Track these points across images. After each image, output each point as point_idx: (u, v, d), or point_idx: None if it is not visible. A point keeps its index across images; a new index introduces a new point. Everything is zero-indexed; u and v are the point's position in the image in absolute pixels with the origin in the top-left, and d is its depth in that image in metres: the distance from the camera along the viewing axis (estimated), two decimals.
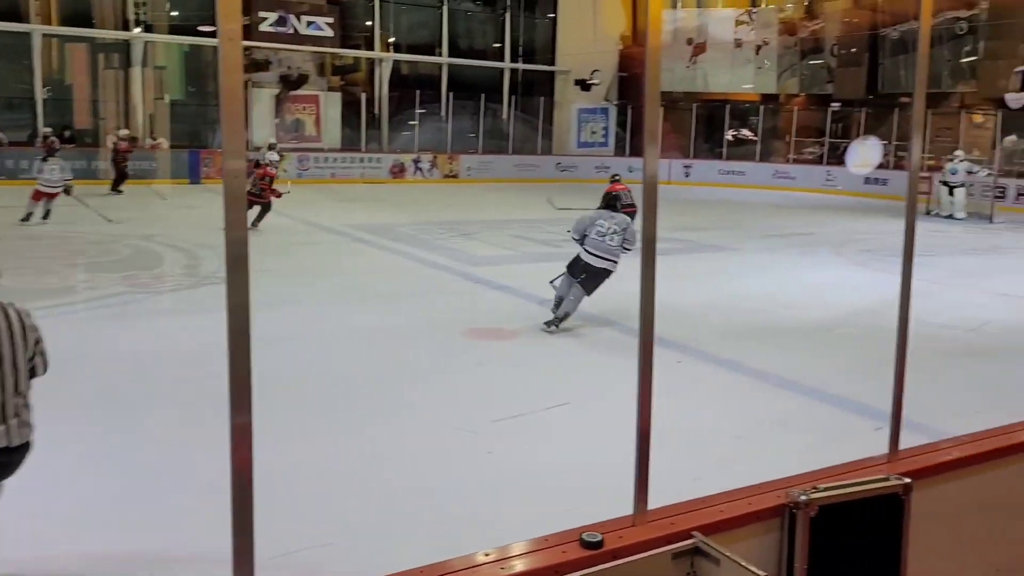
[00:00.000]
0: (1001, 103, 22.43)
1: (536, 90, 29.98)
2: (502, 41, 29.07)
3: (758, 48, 28.54)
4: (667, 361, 6.76)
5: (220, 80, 2.02)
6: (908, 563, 3.11)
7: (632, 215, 12.40)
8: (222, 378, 1.97)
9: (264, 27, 24.49)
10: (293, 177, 23.70)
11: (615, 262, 8.10)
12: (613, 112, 29.93)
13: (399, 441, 5.28)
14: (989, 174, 20.73)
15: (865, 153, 23.11)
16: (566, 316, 8.12)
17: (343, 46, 26.54)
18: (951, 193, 19.98)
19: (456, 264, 11.92)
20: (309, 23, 25.20)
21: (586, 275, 8.08)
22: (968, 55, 24.22)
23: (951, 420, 4.88)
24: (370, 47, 26.99)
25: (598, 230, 8.10)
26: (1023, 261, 14.06)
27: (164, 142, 22.98)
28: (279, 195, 14.39)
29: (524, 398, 6.07)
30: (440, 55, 27.92)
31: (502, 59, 29.02)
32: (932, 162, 23.94)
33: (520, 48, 29.36)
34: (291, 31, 24.91)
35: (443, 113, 27.69)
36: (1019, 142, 23.13)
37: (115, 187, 19.13)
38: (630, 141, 29.27)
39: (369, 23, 26.95)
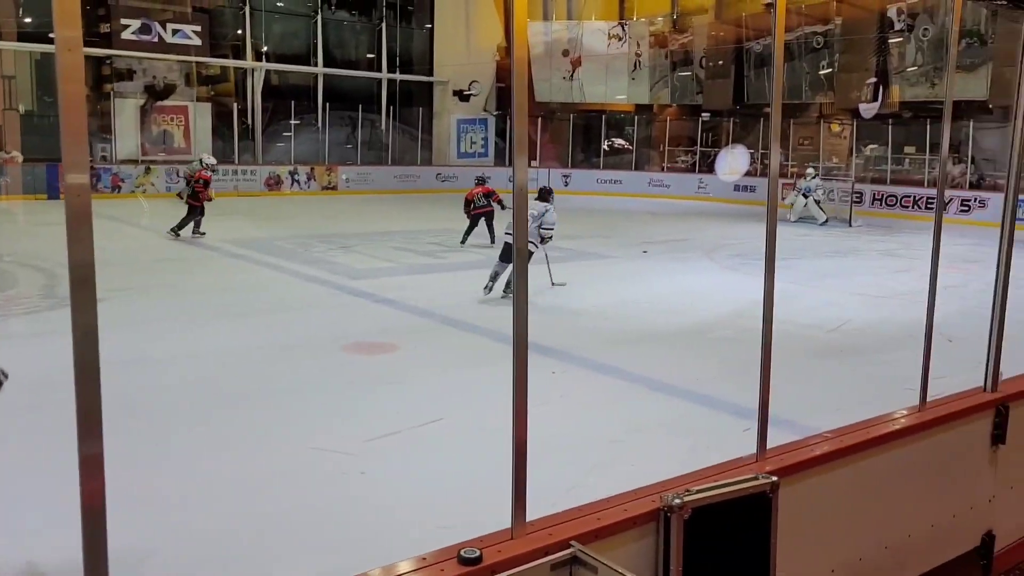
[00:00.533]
0: (856, 113, 23.79)
1: (414, 100, 29.88)
2: (379, 51, 28.82)
3: (636, 63, 29.34)
4: (544, 370, 6.85)
5: (59, 90, 1.91)
6: (777, 558, 3.21)
7: (488, 216, 15.07)
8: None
9: (127, 35, 23.46)
10: (162, 191, 22.86)
11: (531, 242, 9.83)
12: (492, 122, 30.14)
13: (268, 464, 5.09)
14: (847, 179, 21.97)
15: (733, 161, 24.12)
16: (495, 276, 10.14)
17: (212, 55, 25.72)
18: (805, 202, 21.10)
19: (336, 278, 11.70)
20: (175, 31, 24.30)
21: (506, 252, 10.04)
22: (825, 68, 25.60)
23: (816, 417, 5.08)
24: (240, 56, 26.26)
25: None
26: (879, 262, 14.89)
27: (18, 155, 21.64)
28: (211, 199, 14.82)
29: (399, 415, 5.94)
30: (315, 65, 27.43)
31: (379, 69, 28.77)
32: (795, 169, 25.20)
33: (397, 58, 29.18)
34: (156, 39, 23.96)
35: (319, 124, 27.22)
36: (875, 149, 24.62)
37: None
38: (509, 151, 29.50)
39: (239, 32, 26.24)
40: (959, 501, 4.52)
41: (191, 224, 14.77)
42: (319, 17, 27.40)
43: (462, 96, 29.06)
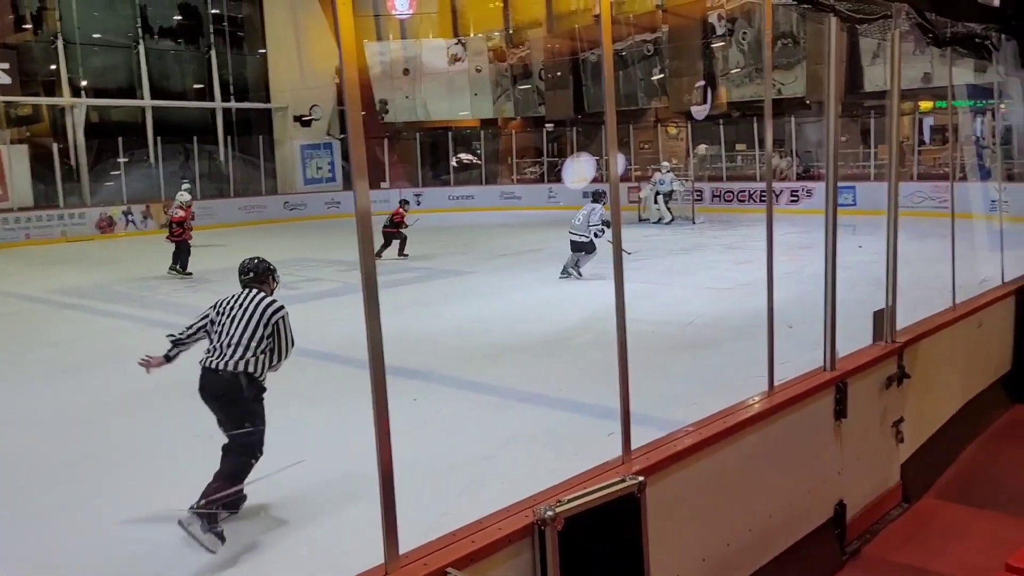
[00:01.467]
0: (689, 116, 24.89)
1: (254, 128, 28.99)
2: (210, 80, 27.80)
3: (477, 79, 29.65)
4: (406, 396, 6.73)
5: None
6: (650, 554, 3.28)
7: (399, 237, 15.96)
8: None
9: None
10: None
11: (583, 235, 12.48)
12: (337, 146, 29.68)
13: (119, 534, 4.74)
14: (687, 180, 22.96)
15: (579, 169, 24.70)
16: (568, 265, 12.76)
17: (24, 94, 24.06)
18: (656, 200, 21.89)
19: (184, 320, 11.03)
20: None
21: (571, 246, 12.78)
22: (657, 73, 26.69)
23: (676, 410, 5.25)
24: (55, 93, 24.64)
25: (573, 219, 12.78)
26: (722, 255, 15.61)
27: None
28: (190, 237, 15.36)
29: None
30: (141, 97, 26.10)
31: (212, 98, 27.74)
32: (639, 173, 26.12)
33: (231, 86, 28.24)
34: None
35: (151, 159, 25.91)
36: (708, 148, 25.83)
37: None
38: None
39: (53, 67, 24.64)
40: (811, 476, 4.77)
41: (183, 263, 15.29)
42: (141, 47, 26.12)
43: (303, 121, 28.48)
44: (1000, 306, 7.53)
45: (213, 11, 27.88)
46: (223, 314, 4.90)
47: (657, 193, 21.99)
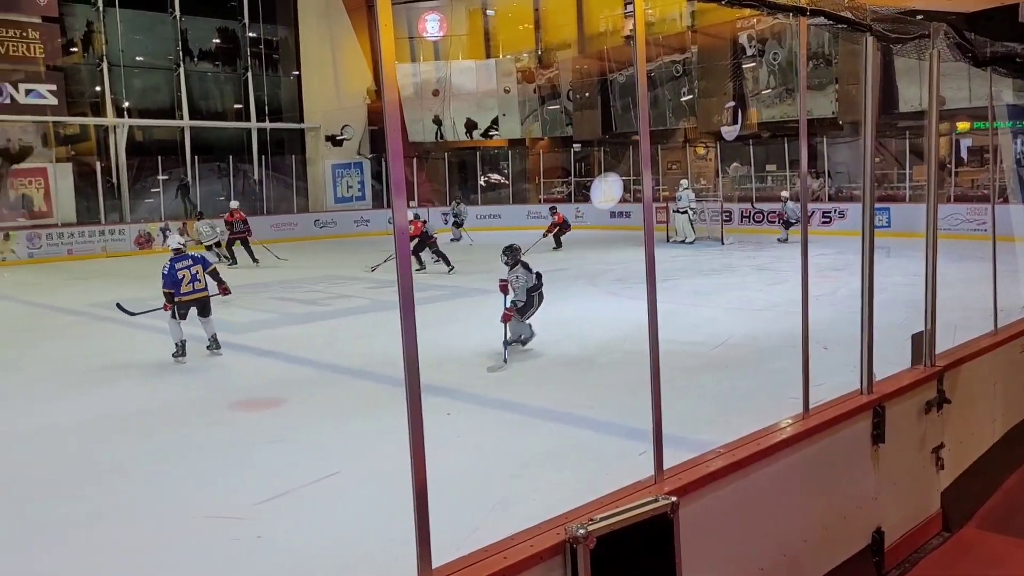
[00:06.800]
0: (718, 136, 24.85)
1: (287, 148, 29.41)
2: (246, 101, 28.27)
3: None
4: (438, 411, 6.76)
5: None
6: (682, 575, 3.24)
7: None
8: None
9: None
10: (23, 257, 21.68)
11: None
12: (367, 165, 29.99)
13: (154, 536, 4.82)
14: (715, 199, 22.88)
15: (607, 189, 24.70)
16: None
17: (70, 114, 24.64)
18: (678, 220, 21.89)
19: (217, 334, 11.26)
20: (28, 91, 23.20)
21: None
22: (686, 94, 26.70)
23: (708, 432, 5.20)
24: (100, 114, 25.25)
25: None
26: (752, 277, 15.50)
27: None
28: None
29: (291, 472, 5.72)
30: (180, 118, 26.65)
31: (247, 119, 28.21)
32: (666, 193, 26.08)
33: (266, 107, 28.69)
34: (7, 100, 22.82)
35: (189, 178, 26.40)
36: (740, 168, 25.75)
37: None
38: (386, 193, 29.43)
39: (98, 88, 25.25)
40: (847, 502, 4.69)
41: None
42: (181, 70, 26.70)
43: (335, 141, 28.83)
44: None
45: (250, 35, 28.40)
46: None
47: (676, 211, 22.00)
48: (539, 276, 9.55)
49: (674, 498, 3.23)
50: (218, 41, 28.24)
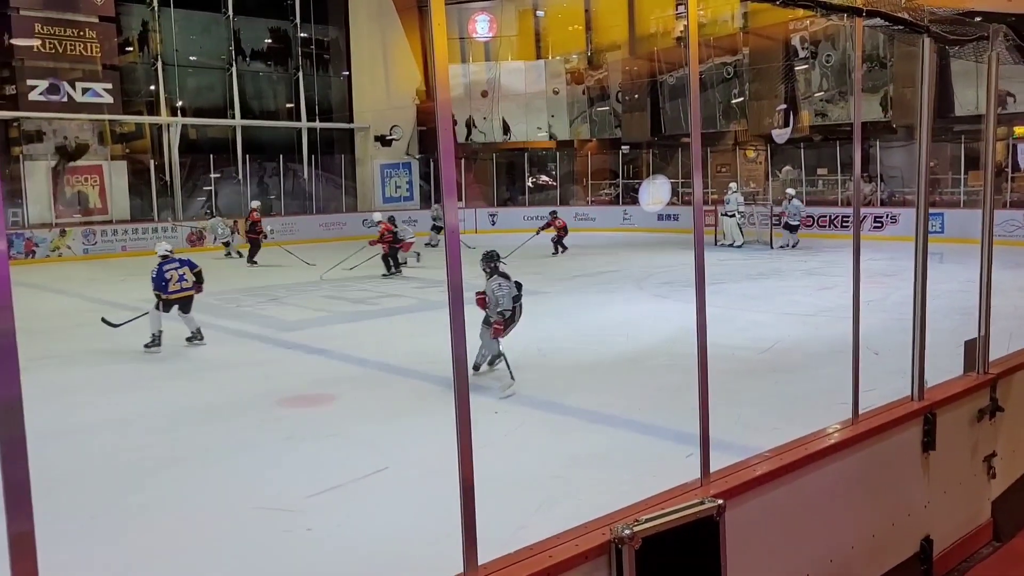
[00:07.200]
0: (769, 139, 24.56)
1: (336, 148, 29.76)
2: (297, 100, 28.68)
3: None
4: (484, 409, 6.82)
5: None
6: None
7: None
8: None
9: (34, 96, 22.86)
10: (79, 253, 22.22)
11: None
12: (416, 166, 30.21)
13: (208, 528, 4.94)
14: (765, 203, 22.62)
15: (656, 191, 24.59)
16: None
17: (125, 112, 25.21)
18: (727, 223, 21.71)
19: (267, 331, 11.48)
20: (85, 90, 23.77)
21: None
22: (736, 96, 26.43)
23: (755, 436, 5.17)
24: (155, 112, 25.82)
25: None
26: (801, 282, 15.29)
27: None
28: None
29: (342, 467, 5.83)
30: (232, 117, 27.13)
31: (298, 118, 28.61)
32: (715, 196, 25.85)
33: (316, 107, 29.07)
34: (65, 99, 23.40)
35: (239, 176, 26.86)
36: (791, 171, 25.42)
37: None
38: (434, 193, 29.61)
39: (153, 87, 25.83)
40: (896, 509, 4.63)
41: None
42: (234, 69, 27.18)
43: (384, 141, 29.08)
44: None
45: (301, 35, 28.80)
46: None
47: (724, 214, 21.81)
48: (519, 285, 8.55)
49: (720, 501, 3.22)
50: (270, 41, 28.70)
